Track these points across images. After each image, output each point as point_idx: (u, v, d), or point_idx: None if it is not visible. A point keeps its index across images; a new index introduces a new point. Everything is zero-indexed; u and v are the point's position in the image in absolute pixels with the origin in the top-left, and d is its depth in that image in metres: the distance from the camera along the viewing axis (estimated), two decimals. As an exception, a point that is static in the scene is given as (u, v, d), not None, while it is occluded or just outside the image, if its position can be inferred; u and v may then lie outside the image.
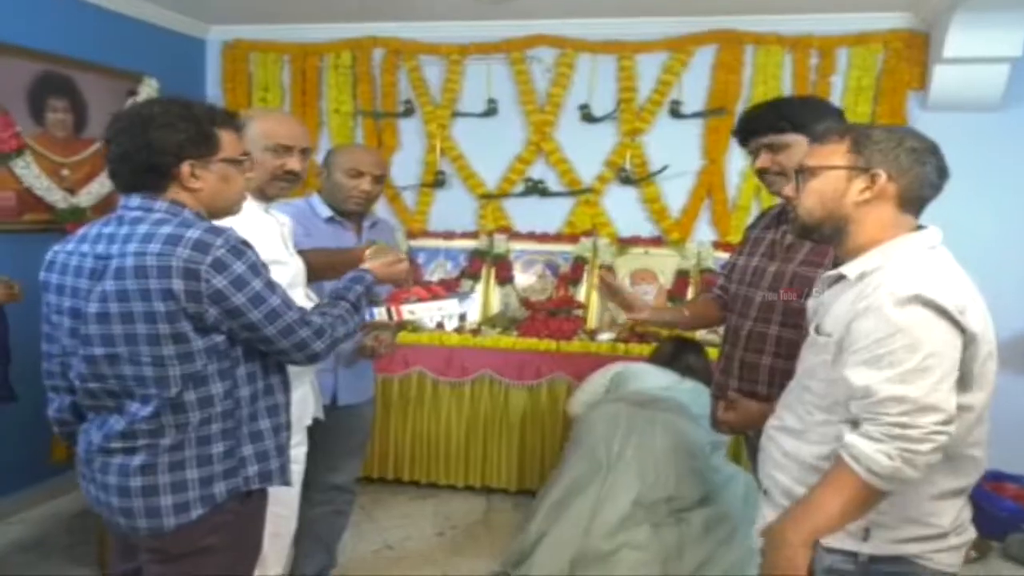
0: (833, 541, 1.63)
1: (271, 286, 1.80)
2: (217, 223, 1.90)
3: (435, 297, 2.29)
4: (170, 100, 1.84)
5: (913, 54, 4.37)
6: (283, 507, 2.56)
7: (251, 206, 2.33)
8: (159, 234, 1.70)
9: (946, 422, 1.51)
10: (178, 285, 1.67)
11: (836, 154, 1.67)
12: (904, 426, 1.49)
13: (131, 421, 1.76)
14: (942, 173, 1.67)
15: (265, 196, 2.41)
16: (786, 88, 4.58)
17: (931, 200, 1.70)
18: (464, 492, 4.41)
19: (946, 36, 4.04)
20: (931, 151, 1.66)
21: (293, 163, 2.40)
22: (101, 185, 4.29)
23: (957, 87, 4.20)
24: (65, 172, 4.14)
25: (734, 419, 2.32)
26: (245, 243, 1.78)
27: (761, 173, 2.26)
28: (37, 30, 4.00)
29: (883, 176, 1.62)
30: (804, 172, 1.70)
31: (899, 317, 1.52)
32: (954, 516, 1.65)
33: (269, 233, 2.38)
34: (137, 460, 1.76)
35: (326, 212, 2.92)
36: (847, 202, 1.65)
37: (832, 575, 1.65)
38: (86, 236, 1.81)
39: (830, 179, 1.66)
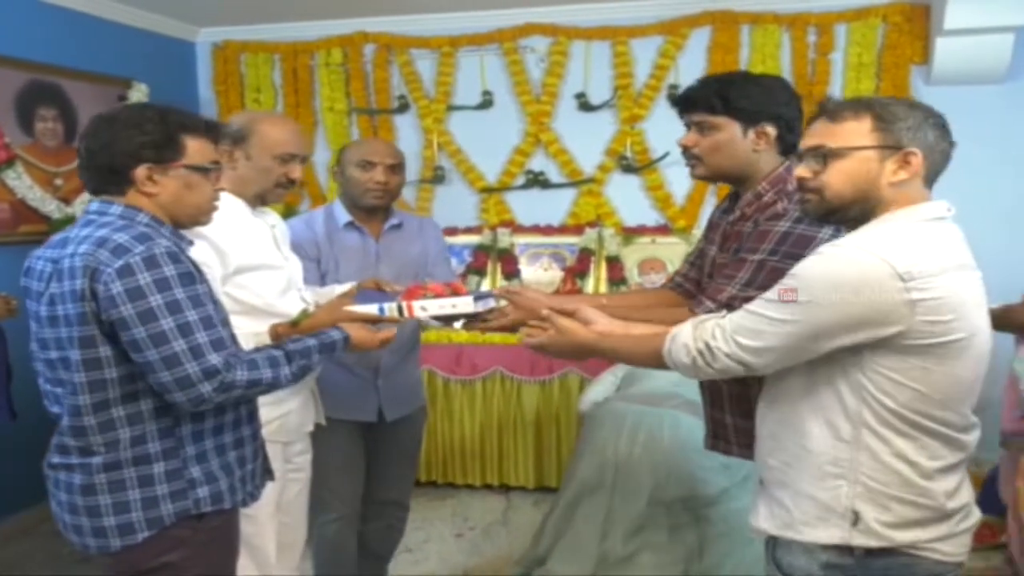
0: (824, 535, 1.59)
1: (174, 307, 1.65)
2: (191, 231, 1.87)
3: (454, 294, 2.21)
4: (145, 104, 1.83)
5: (914, 27, 4.33)
6: (289, 516, 2.51)
7: (239, 209, 2.28)
8: (93, 236, 1.67)
9: (748, 348, 1.58)
10: (93, 287, 1.64)
11: (859, 133, 1.59)
12: (712, 350, 1.61)
13: (60, 432, 1.75)
14: (952, 145, 1.64)
15: (264, 201, 2.38)
16: (785, 67, 4.52)
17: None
18: (482, 491, 4.36)
19: (946, 7, 3.97)
20: (946, 125, 1.63)
21: (296, 171, 2.37)
22: (95, 194, 4.22)
23: (961, 60, 4.15)
24: (58, 182, 4.08)
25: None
26: (172, 256, 1.68)
27: (683, 150, 2.08)
28: (23, 40, 3.92)
29: (919, 156, 1.57)
30: (825, 153, 1.61)
31: (826, 251, 1.54)
32: (946, 494, 1.58)
33: (258, 236, 2.32)
34: (77, 479, 1.73)
35: (344, 217, 2.79)
36: (882, 183, 1.58)
37: (830, 570, 1.60)
38: (53, 241, 1.77)
39: (860, 160, 1.58)
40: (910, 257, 1.48)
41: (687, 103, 2.06)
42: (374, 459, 2.89)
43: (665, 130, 4.65)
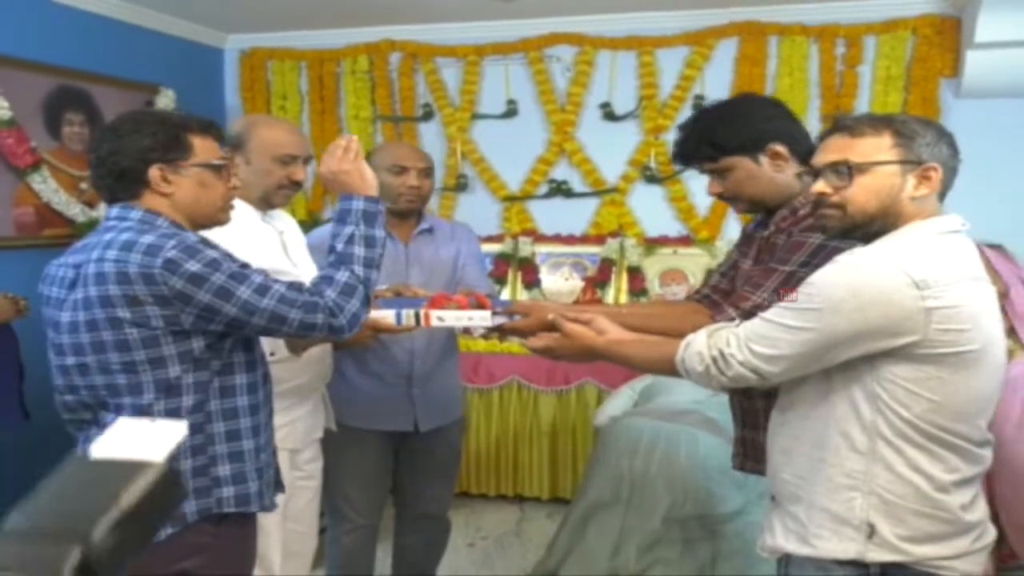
0: (838, 550, 1.58)
1: (238, 277, 1.69)
2: (203, 233, 1.87)
3: (479, 307, 2.20)
4: (146, 110, 1.84)
5: (944, 40, 4.26)
6: (299, 523, 2.49)
7: (248, 214, 2.28)
8: (118, 240, 1.67)
9: (761, 356, 1.57)
10: (141, 290, 1.64)
11: (880, 148, 1.60)
12: (726, 357, 1.61)
13: (91, 437, 1.73)
14: (960, 162, 1.66)
15: (270, 205, 2.37)
16: (813, 80, 4.47)
17: None
18: (496, 501, 4.34)
19: (978, 20, 3.90)
20: (955, 142, 1.64)
21: (299, 173, 2.36)
22: (120, 198, 4.27)
23: (992, 73, 4.06)
24: (83, 186, 4.10)
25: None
26: (204, 242, 1.72)
27: (717, 196, 2.07)
28: (51, 44, 3.96)
29: (939, 170, 1.58)
30: (850, 168, 1.60)
31: (842, 260, 1.54)
32: (962, 506, 1.57)
33: (266, 242, 2.32)
34: None
35: None
36: (903, 198, 1.59)
37: None
38: (75, 248, 1.78)
39: (884, 175, 1.59)
40: (926, 266, 1.49)
41: (686, 161, 2.06)
42: (407, 472, 2.84)
43: (689, 141, 4.62)
